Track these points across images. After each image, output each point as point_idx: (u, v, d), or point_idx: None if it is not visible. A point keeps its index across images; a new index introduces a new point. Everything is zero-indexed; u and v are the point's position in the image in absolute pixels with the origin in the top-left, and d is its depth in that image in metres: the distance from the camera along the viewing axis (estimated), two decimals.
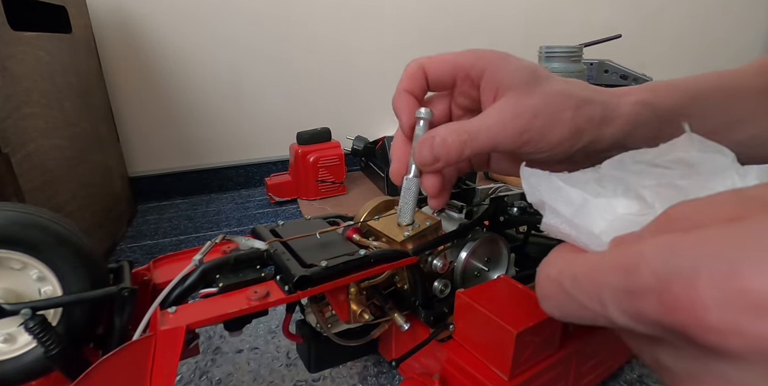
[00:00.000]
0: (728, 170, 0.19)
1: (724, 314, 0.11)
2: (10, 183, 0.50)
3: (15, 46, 0.55)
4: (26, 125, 0.55)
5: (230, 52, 1.01)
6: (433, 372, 0.37)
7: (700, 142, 0.21)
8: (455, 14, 1.16)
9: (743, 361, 0.11)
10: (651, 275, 0.12)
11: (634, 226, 0.16)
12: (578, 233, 0.18)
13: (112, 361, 0.26)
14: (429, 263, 0.38)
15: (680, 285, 0.12)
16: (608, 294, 0.14)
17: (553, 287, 0.16)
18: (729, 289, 0.11)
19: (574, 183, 0.21)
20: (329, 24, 1.07)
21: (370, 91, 1.16)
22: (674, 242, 0.12)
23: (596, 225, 0.18)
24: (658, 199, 0.19)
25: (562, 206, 0.20)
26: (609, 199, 0.20)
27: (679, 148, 0.22)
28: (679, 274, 0.12)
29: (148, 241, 0.82)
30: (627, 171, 0.22)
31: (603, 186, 0.22)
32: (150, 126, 1.01)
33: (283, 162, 1.12)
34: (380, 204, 0.43)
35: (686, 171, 0.20)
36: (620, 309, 0.13)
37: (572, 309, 0.15)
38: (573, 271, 0.15)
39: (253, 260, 0.34)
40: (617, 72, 0.96)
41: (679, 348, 0.13)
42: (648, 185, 0.20)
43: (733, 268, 0.11)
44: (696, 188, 0.19)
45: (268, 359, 0.48)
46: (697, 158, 0.21)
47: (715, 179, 0.19)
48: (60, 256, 0.29)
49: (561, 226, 0.19)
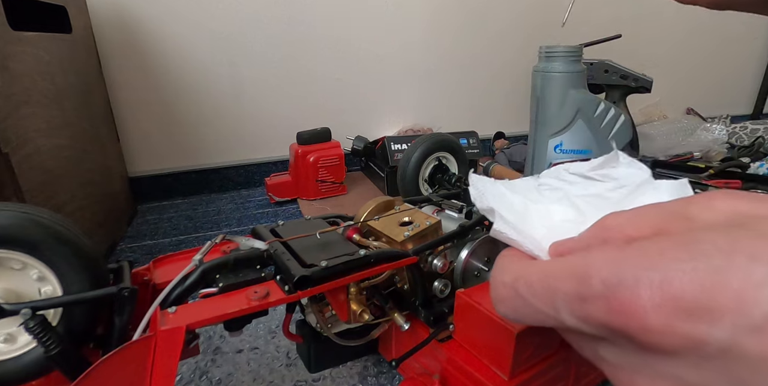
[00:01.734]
0: (646, 184, 0.22)
1: (660, 317, 0.13)
2: (10, 183, 0.50)
3: (15, 46, 0.55)
4: (26, 124, 0.55)
5: (230, 52, 1.01)
6: (433, 372, 0.37)
7: (624, 158, 0.24)
8: (455, 14, 1.16)
9: (675, 356, 0.13)
10: (600, 283, 0.14)
11: (570, 232, 0.18)
12: (523, 239, 0.20)
13: (112, 361, 0.26)
14: (429, 263, 0.38)
15: (624, 293, 0.13)
16: (561, 300, 0.15)
17: (509, 292, 0.18)
18: (664, 296, 0.13)
19: (516, 190, 0.24)
20: (330, 24, 1.07)
21: (370, 91, 1.16)
22: (619, 254, 0.14)
23: (537, 231, 0.20)
24: (589, 208, 0.21)
25: (507, 213, 0.22)
26: (547, 205, 0.22)
27: (607, 164, 0.25)
28: (623, 283, 0.13)
29: (148, 241, 0.82)
30: (563, 181, 0.25)
31: (542, 194, 0.24)
32: (150, 126, 1.01)
33: (283, 162, 1.12)
34: (380, 204, 0.43)
35: (613, 184, 0.23)
36: (571, 313, 0.15)
37: (527, 313, 0.17)
38: (528, 278, 0.17)
39: (253, 260, 0.34)
40: (617, 72, 0.96)
41: (620, 345, 0.15)
42: (581, 194, 0.23)
43: (667, 277, 0.13)
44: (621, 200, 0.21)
45: (268, 359, 0.48)
46: (622, 173, 0.24)
47: (637, 192, 0.22)
48: (60, 256, 0.29)
49: (509, 232, 0.21)
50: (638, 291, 0.13)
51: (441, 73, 1.20)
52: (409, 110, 1.21)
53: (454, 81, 1.23)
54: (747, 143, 1.19)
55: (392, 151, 0.96)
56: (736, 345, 0.12)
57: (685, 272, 0.13)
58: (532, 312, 0.17)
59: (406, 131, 1.17)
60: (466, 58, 1.21)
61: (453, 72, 1.21)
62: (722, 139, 1.15)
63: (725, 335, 0.12)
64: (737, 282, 0.12)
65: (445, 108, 1.25)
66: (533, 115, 0.80)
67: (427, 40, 1.15)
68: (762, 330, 0.12)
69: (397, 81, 1.17)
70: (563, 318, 0.16)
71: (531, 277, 0.17)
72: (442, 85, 1.22)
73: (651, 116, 1.39)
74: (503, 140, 1.20)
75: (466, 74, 1.23)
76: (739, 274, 0.12)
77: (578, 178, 0.25)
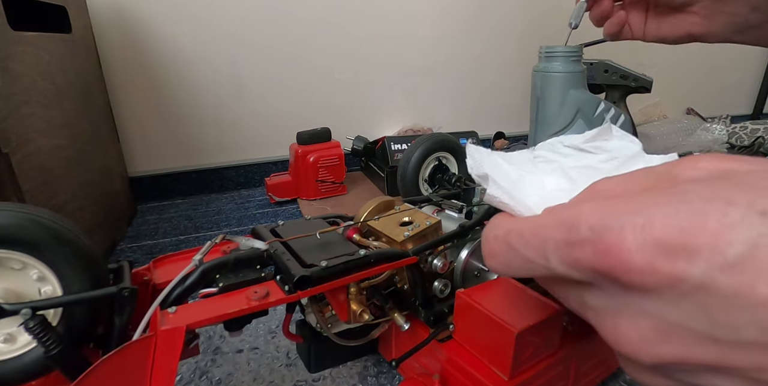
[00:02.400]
0: (637, 157, 0.23)
1: (643, 256, 0.14)
2: (10, 183, 0.50)
3: (15, 46, 0.55)
4: (26, 124, 0.55)
5: (230, 52, 1.01)
6: (433, 372, 0.37)
7: (617, 131, 0.25)
8: (455, 14, 1.16)
9: (656, 294, 0.14)
10: (588, 230, 0.15)
11: (561, 200, 0.19)
12: (515, 203, 0.21)
13: (112, 361, 0.26)
14: (429, 263, 0.38)
15: (610, 236, 0.14)
16: (551, 247, 0.16)
17: (501, 245, 0.19)
18: (646, 237, 0.14)
19: (512, 161, 0.25)
20: (330, 24, 1.07)
21: (371, 91, 1.16)
22: (606, 204, 0.15)
23: (530, 198, 0.21)
24: (582, 178, 0.22)
25: (501, 180, 0.22)
26: (540, 177, 0.23)
27: (600, 136, 0.25)
28: (609, 227, 0.14)
29: (148, 241, 0.82)
30: (557, 153, 0.26)
31: (536, 166, 0.25)
32: (150, 126, 1.01)
33: (283, 162, 1.12)
34: (380, 204, 0.43)
35: (605, 156, 0.24)
36: (561, 259, 0.16)
37: (517, 263, 0.18)
38: (520, 230, 0.18)
39: (253, 260, 0.34)
40: (617, 72, 0.96)
41: (605, 289, 0.16)
42: (574, 166, 0.24)
43: (650, 221, 0.14)
44: (613, 170, 0.22)
45: (268, 359, 0.48)
46: (614, 146, 0.24)
47: (628, 163, 0.22)
48: (60, 256, 0.29)
49: (502, 196, 0.21)
50: (623, 233, 0.14)
51: (441, 73, 1.20)
52: (409, 110, 1.21)
53: (454, 81, 1.22)
54: (747, 143, 1.19)
55: (392, 151, 0.96)
56: (711, 281, 0.13)
57: (667, 215, 0.13)
58: (522, 262, 0.18)
59: (406, 131, 1.17)
60: (467, 58, 1.21)
61: (453, 72, 1.21)
62: (722, 139, 1.15)
63: (701, 272, 0.13)
64: (713, 224, 0.13)
65: (445, 108, 1.24)
66: (533, 115, 0.80)
67: (428, 41, 1.15)
68: (734, 267, 0.12)
69: (397, 81, 1.17)
70: (553, 265, 0.16)
71: (522, 229, 0.18)
72: (442, 85, 1.22)
73: (651, 116, 1.39)
74: (503, 140, 1.20)
75: (466, 74, 1.23)
76: (716, 216, 0.13)
77: (572, 150, 0.26)
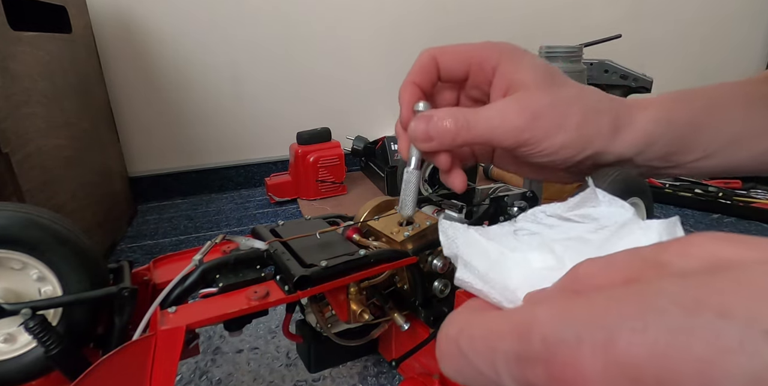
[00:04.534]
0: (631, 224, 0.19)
1: None
2: (10, 183, 0.50)
3: (15, 46, 0.55)
4: (26, 125, 0.55)
5: (230, 53, 1.01)
6: (433, 372, 0.37)
7: (604, 196, 0.22)
8: (455, 14, 1.16)
9: None
10: (541, 342, 0.12)
11: (547, 281, 0.16)
12: (490, 289, 0.18)
13: (112, 361, 0.26)
14: (429, 263, 0.38)
15: (565, 356, 0.11)
16: (501, 360, 0.13)
17: (452, 347, 0.15)
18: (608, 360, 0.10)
19: (491, 236, 0.21)
20: (330, 24, 1.07)
21: (371, 91, 1.16)
22: (564, 306, 0.12)
23: (511, 280, 0.18)
24: (568, 253, 0.19)
25: (477, 260, 0.20)
26: (525, 253, 0.20)
27: (585, 203, 0.22)
28: (565, 342, 0.11)
29: (148, 241, 0.82)
30: (541, 224, 0.23)
31: (519, 240, 0.22)
32: (150, 126, 1.01)
33: (283, 162, 1.12)
34: (380, 204, 0.43)
35: (594, 225, 0.21)
36: (512, 378, 0.13)
37: (470, 374, 0.14)
38: (471, 332, 0.14)
39: (253, 260, 0.34)
40: (617, 72, 0.96)
41: None
42: (561, 238, 0.21)
43: (611, 337, 0.10)
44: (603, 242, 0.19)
45: (268, 359, 0.48)
46: (603, 213, 0.22)
47: (621, 233, 0.19)
48: (60, 256, 0.29)
49: (473, 281, 0.19)
50: (579, 353, 0.11)
51: None
52: None
53: None
54: None
55: (392, 151, 0.96)
56: None
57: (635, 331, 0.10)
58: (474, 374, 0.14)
59: None
60: None
61: None
62: None
63: None
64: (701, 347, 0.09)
65: None
66: None
67: (427, 41, 1.15)
68: None
69: (397, 81, 1.16)
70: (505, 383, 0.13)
71: (474, 332, 0.14)
72: None
73: None
74: None
75: None
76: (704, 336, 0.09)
77: (556, 220, 0.23)
